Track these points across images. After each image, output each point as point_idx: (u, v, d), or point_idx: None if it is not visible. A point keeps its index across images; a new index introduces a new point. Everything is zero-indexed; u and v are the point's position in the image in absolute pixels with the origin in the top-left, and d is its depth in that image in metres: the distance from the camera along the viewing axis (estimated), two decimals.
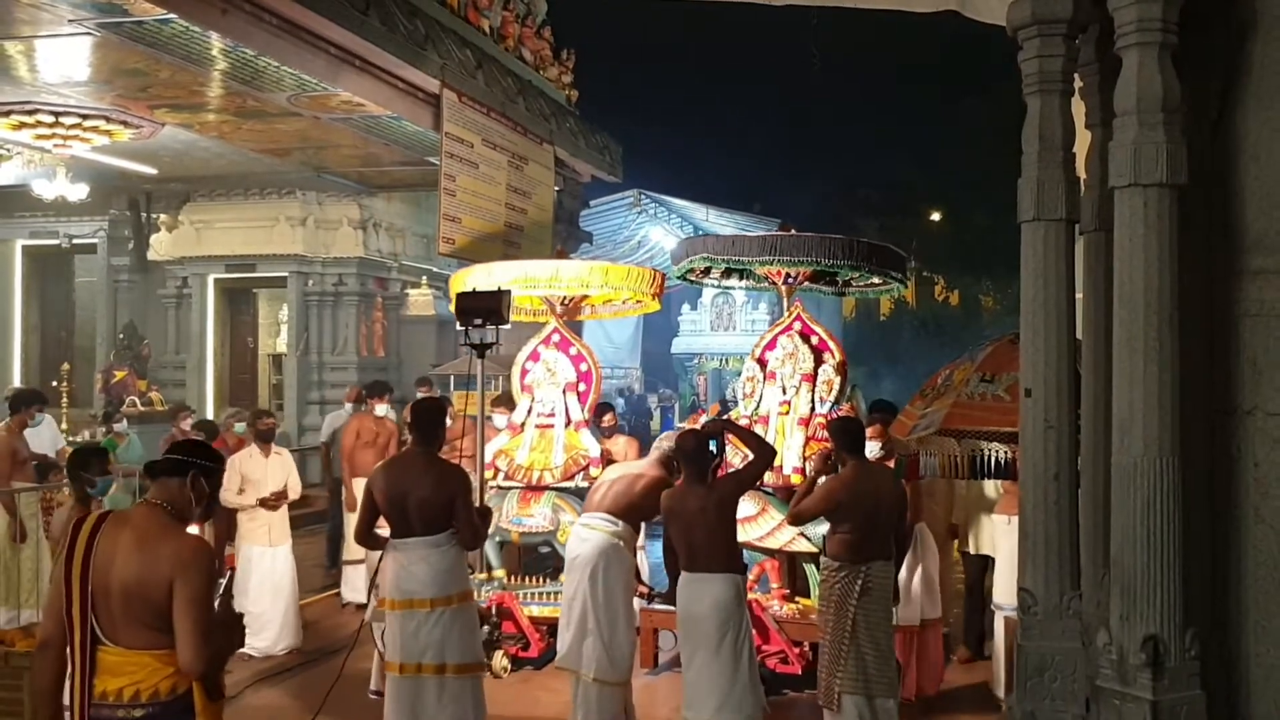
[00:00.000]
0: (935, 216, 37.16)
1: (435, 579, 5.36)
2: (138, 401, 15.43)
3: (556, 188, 14.53)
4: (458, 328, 6.88)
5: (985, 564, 7.81)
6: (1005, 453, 5.30)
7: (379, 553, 5.69)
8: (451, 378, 14.23)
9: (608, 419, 9.50)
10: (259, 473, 8.23)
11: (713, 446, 5.69)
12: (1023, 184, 3.53)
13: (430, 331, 17.92)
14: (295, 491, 8.45)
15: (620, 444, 9.14)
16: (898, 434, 6.06)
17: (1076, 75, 3.80)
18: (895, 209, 35.31)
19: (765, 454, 5.78)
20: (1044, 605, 3.49)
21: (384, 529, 5.62)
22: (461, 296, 7.01)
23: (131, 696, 3.31)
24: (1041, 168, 3.49)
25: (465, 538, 5.47)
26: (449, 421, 6.88)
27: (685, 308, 27.91)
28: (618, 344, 26.05)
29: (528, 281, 8.15)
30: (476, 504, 5.92)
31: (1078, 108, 3.82)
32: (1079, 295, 3.83)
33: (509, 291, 6.91)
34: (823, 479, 5.90)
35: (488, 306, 6.72)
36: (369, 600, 7.04)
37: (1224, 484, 3.30)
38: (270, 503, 8.19)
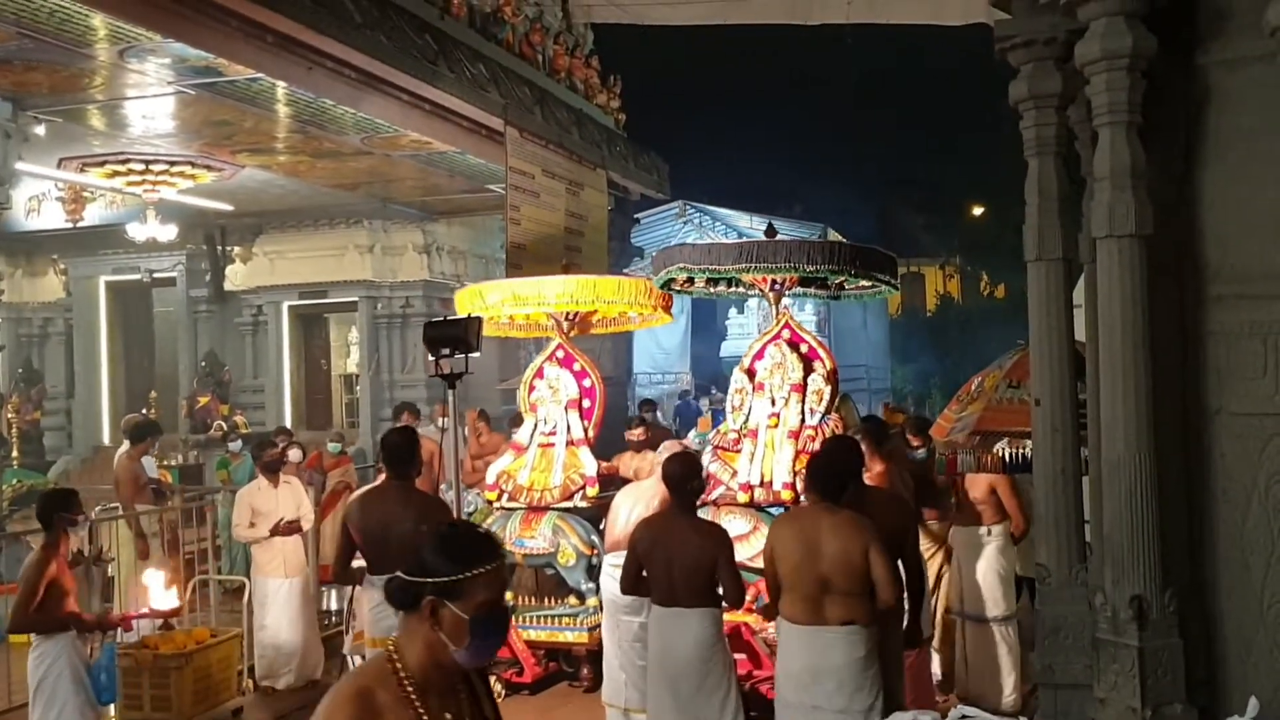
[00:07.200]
0: (978, 212, 37.51)
1: None
2: (223, 425, 16.36)
3: (609, 208, 15.28)
4: (428, 357, 6.55)
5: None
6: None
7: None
8: (518, 392, 14.91)
9: (639, 432, 8.78)
10: (268, 504, 8.12)
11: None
12: (1026, 230, 4.26)
13: (493, 347, 18.60)
14: (308, 520, 8.40)
15: (649, 459, 8.14)
16: (937, 435, 6.68)
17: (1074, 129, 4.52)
18: (939, 206, 35.80)
19: (739, 598, 5.37)
20: (1056, 577, 4.23)
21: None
22: (428, 326, 6.59)
23: None
24: (1041, 217, 4.22)
25: None
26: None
27: (733, 311, 28.43)
28: (667, 349, 26.61)
29: (516, 300, 7.99)
30: None
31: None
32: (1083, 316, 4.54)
33: (478, 318, 6.61)
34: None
35: (454, 335, 6.30)
36: (347, 631, 6.96)
37: (1198, 472, 4.02)
38: (280, 530, 8.00)
